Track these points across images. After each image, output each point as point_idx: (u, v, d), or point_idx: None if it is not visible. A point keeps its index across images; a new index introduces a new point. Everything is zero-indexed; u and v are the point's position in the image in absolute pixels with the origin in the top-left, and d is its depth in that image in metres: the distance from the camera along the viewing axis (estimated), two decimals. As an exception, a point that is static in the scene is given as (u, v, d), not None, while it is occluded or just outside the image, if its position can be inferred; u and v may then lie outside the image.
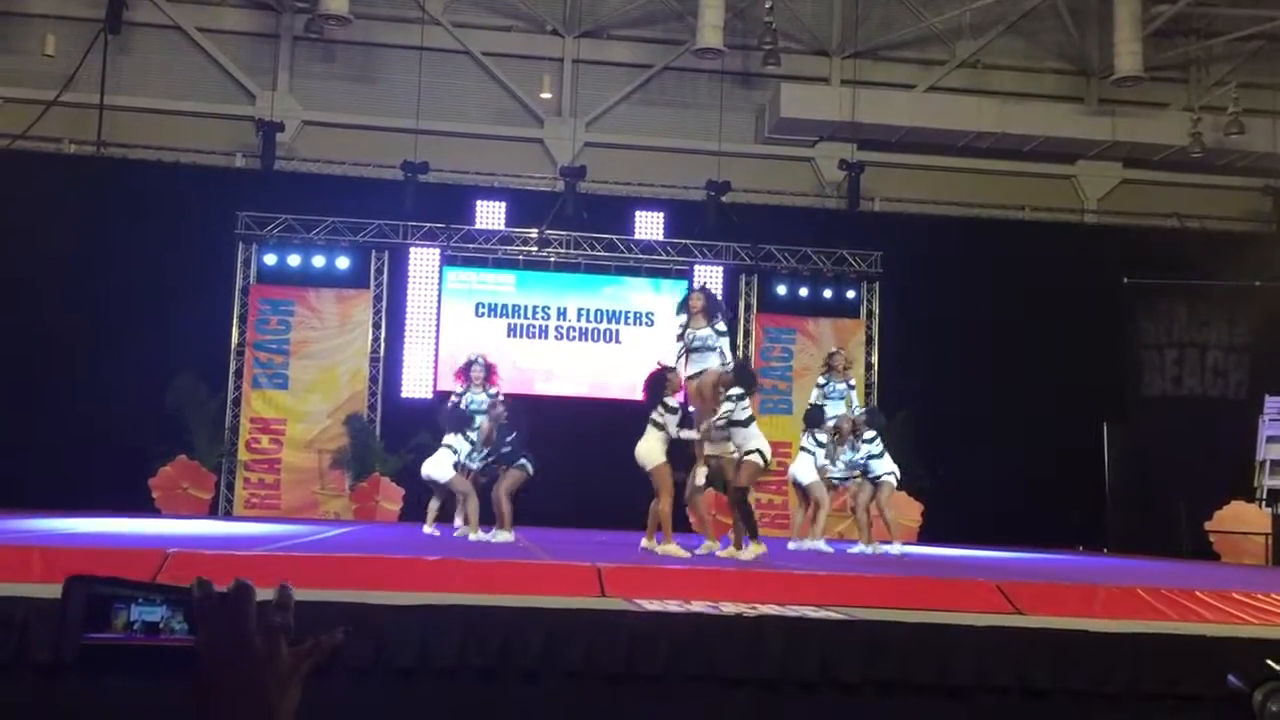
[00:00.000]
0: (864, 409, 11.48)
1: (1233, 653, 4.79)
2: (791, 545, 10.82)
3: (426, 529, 10.37)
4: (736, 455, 8.41)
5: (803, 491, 10.99)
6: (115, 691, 3.37)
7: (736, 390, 8.44)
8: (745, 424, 8.37)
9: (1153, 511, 15.42)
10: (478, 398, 10.55)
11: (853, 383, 11.91)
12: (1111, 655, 4.76)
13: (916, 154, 18.08)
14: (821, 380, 11.66)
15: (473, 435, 10.09)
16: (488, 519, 9.84)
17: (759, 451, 8.28)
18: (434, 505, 10.63)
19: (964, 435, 15.84)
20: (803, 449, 10.97)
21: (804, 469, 10.84)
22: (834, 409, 11.18)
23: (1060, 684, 4.67)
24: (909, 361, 16.32)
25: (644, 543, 8.46)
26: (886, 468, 10.77)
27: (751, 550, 8.13)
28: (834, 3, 18.29)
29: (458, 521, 10.46)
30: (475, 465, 10.06)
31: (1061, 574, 8.13)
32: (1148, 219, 18.06)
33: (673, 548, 8.18)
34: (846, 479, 11.04)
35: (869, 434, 10.82)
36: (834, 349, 12.49)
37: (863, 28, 17.86)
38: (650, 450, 8.45)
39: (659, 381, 8.63)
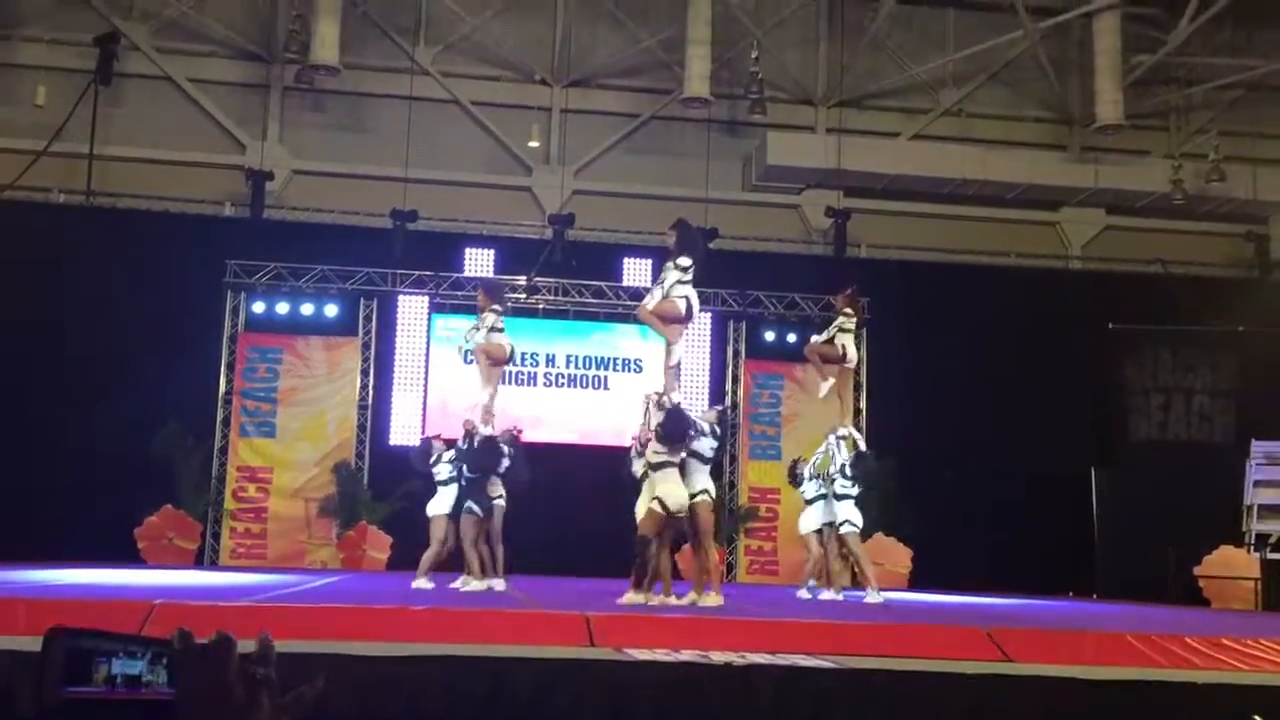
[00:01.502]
0: (854, 453, 11.46)
1: (1223, 699, 4.78)
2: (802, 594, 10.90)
3: (415, 583, 9.91)
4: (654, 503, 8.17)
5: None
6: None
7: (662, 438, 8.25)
8: (657, 468, 8.15)
9: (1142, 557, 15.39)
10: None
11: (842, 433, 11.77)
12: (1102, 702, 4.74)
13: (902, 201, 18.24)
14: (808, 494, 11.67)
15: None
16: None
17: (658, 500, 8.07)
18: (428, 556, 10.38)
19: (952, 480, 15.84)
20: (806, 501, 11.10)
21: (806, 519, 11.07)
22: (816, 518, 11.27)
23: (1051, 732, 4.64)
24: (896, 407, 16.33)
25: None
26: (845, 514, 10.55)
27: (628, 596, 7.85)
28: (819, 52, 18.52)
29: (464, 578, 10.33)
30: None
31: (1051, 620, 8.11)
32: (1132, 265, 18.21)
33: (670, 598, 8.18)
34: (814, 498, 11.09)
35: (843, 481, 10.69)
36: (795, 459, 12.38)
37: (848, 77, 18.08)
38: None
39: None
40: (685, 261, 8.84)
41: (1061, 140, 18.81)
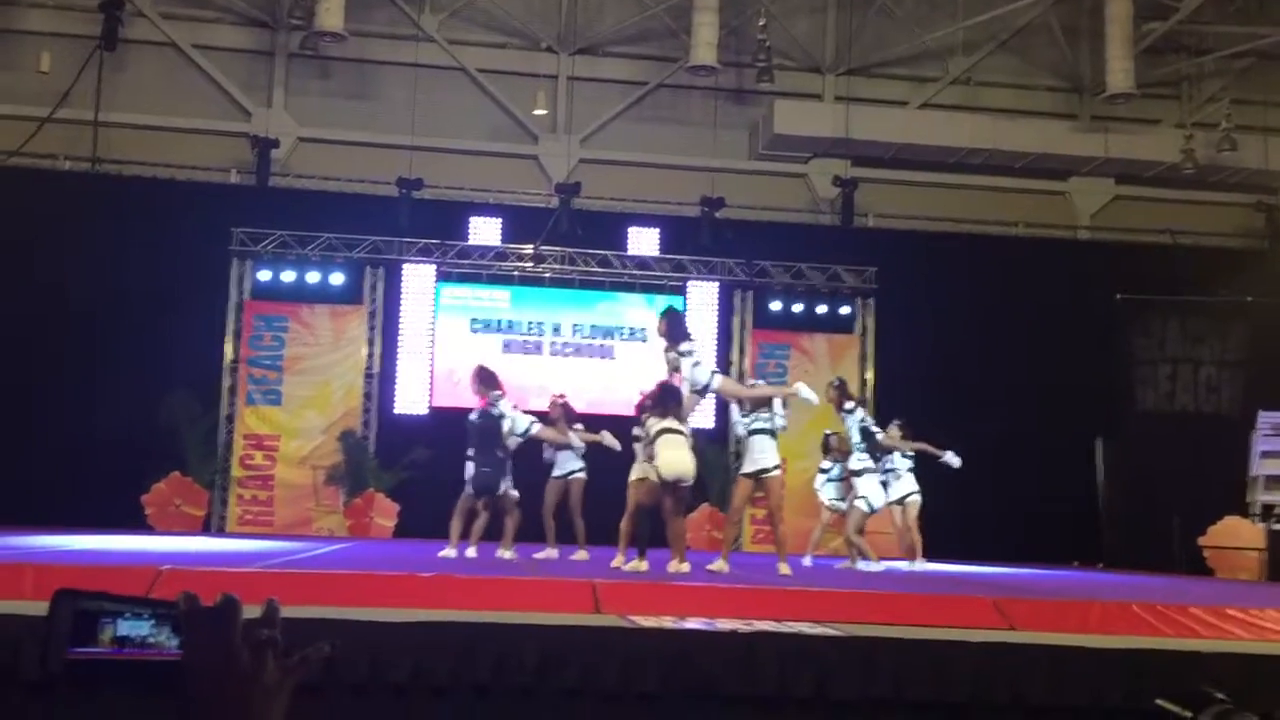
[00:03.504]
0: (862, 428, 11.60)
1: (1227, 668, 4.79)
2: (839, 566, 11.24)
3: (463, 550, 9.82)
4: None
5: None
6: (103, 707, 3.35)
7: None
8: (659, 435, 8.47)
9: (1147, 527, 15.40)
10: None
11: (849, 406, 11.72)
12: (1107, 671, 4.75)
13: (910, 170, 18.13)
14: (826, 465, 12.16)
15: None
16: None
17: (655, 469, 8.44)
18: (478, 525, 10.11)
19: (958, 450, 15.80)
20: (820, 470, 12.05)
21: (823, 488, 12.02)
22: (833, 490, 11.84)
23: (1056, 700, 4.66)
24: (904, 377, 16.31)
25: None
26: (861, 490, 10.96)
27: (632, 564, 8.50)
28: (827, 20, 18.36)
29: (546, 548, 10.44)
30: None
31: (1056, 590, 8.13)
32: (1141, 235, 18.10)
33: (685, 565, 8.32)
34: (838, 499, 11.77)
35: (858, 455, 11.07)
36: (826, 431, 12.46)
37: (856, 45, 17.93)
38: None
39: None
40: (688, 346, 9.18)
41: (1071, 109, 18.65)
